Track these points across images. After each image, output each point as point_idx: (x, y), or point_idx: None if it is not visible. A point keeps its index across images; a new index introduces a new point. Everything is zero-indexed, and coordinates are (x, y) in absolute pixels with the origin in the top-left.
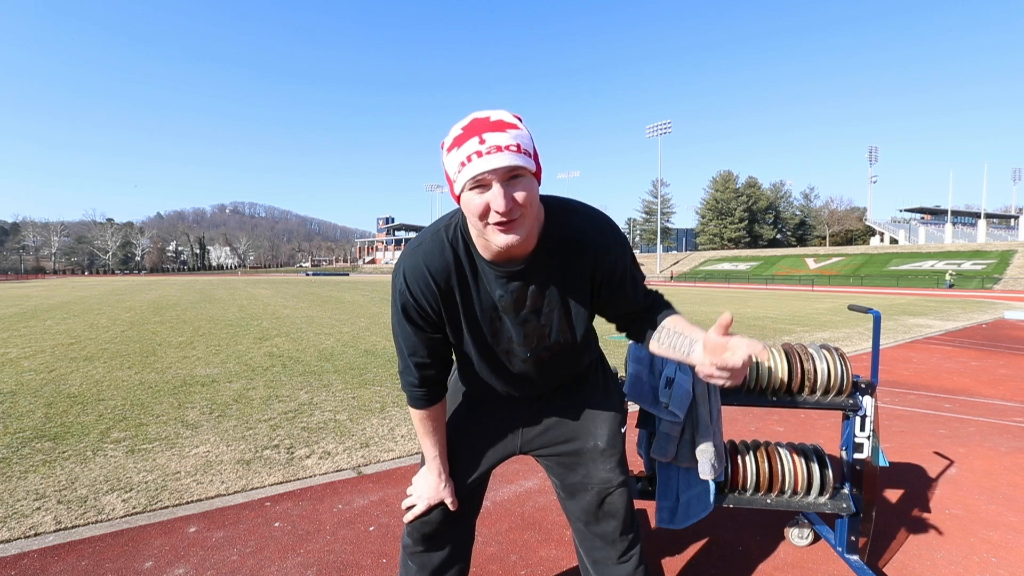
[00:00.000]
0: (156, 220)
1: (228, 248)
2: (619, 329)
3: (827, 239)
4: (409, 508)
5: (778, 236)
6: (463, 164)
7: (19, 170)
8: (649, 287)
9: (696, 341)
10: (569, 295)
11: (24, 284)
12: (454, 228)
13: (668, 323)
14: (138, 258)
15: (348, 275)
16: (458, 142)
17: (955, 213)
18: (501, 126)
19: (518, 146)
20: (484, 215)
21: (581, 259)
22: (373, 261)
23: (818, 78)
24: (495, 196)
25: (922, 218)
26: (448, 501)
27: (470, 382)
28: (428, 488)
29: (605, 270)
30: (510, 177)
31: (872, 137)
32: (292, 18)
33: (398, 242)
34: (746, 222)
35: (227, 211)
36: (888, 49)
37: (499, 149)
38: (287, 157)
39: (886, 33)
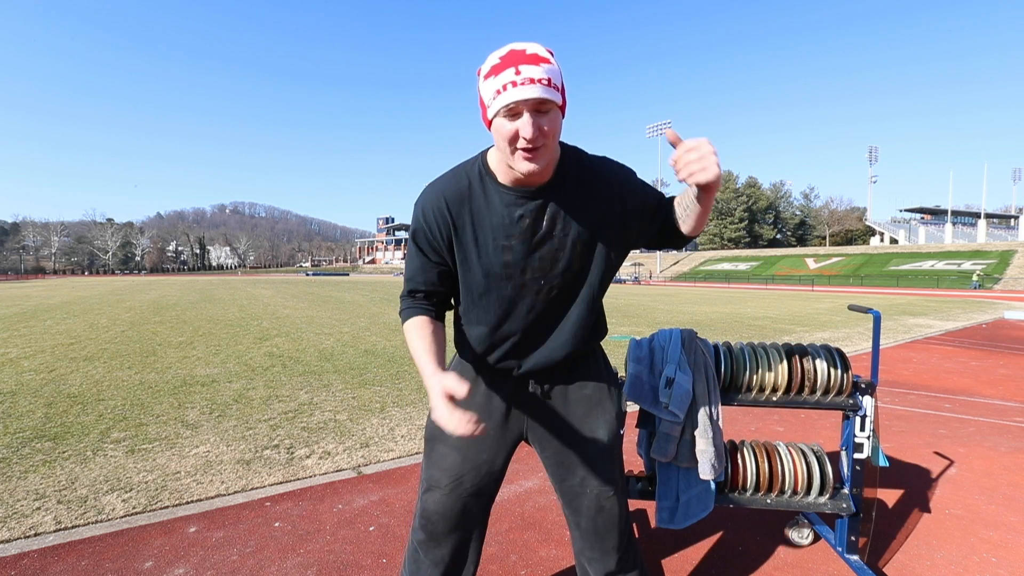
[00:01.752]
0: (156, 220)
1: (228, 248)
2: (662, 241)
3: (827, 239)
4: (439, 417)
5: (778, 236)
6: (498, 92)
7: (19, 170)
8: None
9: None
10: (585, 221)
11: (24, 284)
12: (473, 162)
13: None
14: (138, 258)
15: (348, 275)
16: (495, 71)
17: (955, 213)
18: (536, 59)
19: (549, 80)
20: (513, 141)
21: (601, 190)
22: (373, 261)
23: (818, 78)
24: (524, 124)
25: (922, 218)
26: (456, 389)
27: (475, 337)
28: (435, 392)
29: (636, 200)
30: (539, 108)
31: (872, 137)
32: (292, 18)
33: (398, 242)
34: (746, 222)
35: (227, 211)
36: (888, 49)
37: (532, 81)
38: (287, 157)
39: (886, 33)
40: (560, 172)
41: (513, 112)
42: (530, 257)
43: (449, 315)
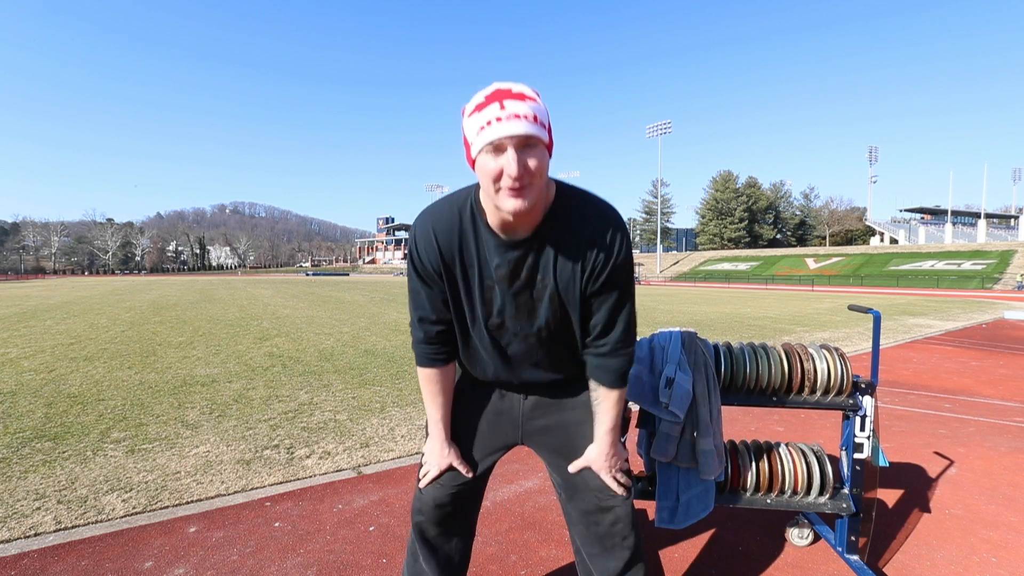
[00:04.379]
0: (156, 220)
1: (228, 248)
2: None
3: (827, 239)
4: (424, 475)
5: (778, 236)
6: (482, 127)
7: (19, 170)
8: (629, 332)
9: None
10: (563, 274)
11: (24, 284)
12: (466, 196)
13: (601, 392)
14: (138, 258)
15: (348, 275)
16: (480, 107)
17: (955, 213)
18: (521, 96)
19: (535, 116)
20: (497, 178)
21: (582, 240)
22: (373, 261)
23: (818, 78)
24: (509, 161)
25: (922, 218)
26: (456, 465)
27: (468, 361)
28: (434, 455)
29: (602, 259)
30: (525, 145)
31: (872, 137)
32: (292, 18)
33: (398, 242)
34: (746, 222)
35: (227, 211)
36: (888, 49)
37: (517, 117)
38: (287, 157)
39: (886, 33)
40: (548, 219)
41: (498, 148)
42: (510, 304)
43: None
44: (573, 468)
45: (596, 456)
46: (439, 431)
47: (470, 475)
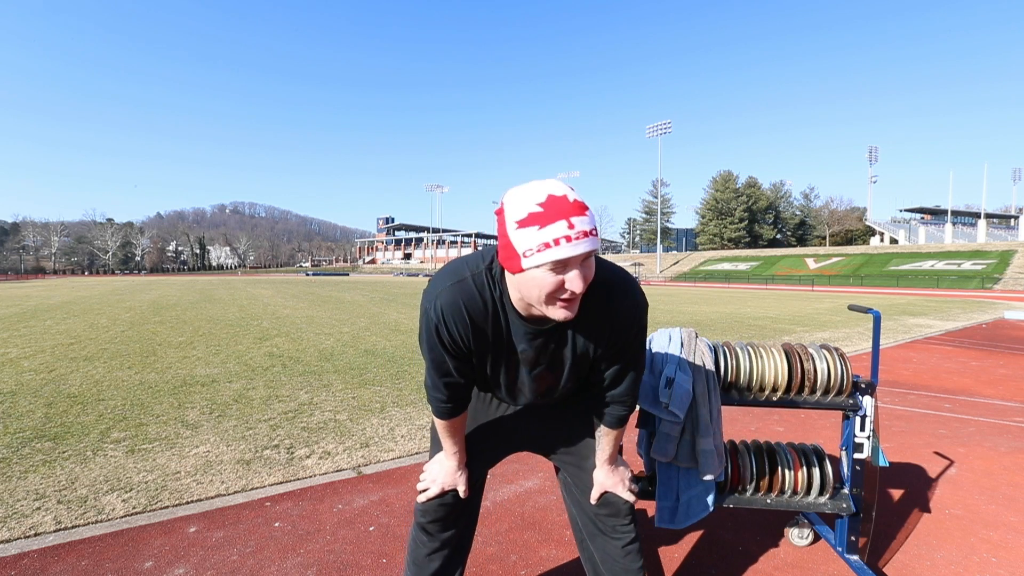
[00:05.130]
0: (156, 220)
1: (228, 248)
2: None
3: (827, 239)
4: (424, 490)
5: (778, 236)
6: (548, 245)
7: (19, 170)
8: (635, 386)
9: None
10: (585, 351)
11: (24, 284)
12: (488, 276)
13: (603, 430)
14: (138, 258)
15: (348, 275)
16: (540, 221)
17: (955, 213)
18: (582, 209)
19: (595, 229)
20: (556, 293)
21: (604, 320)
22: (373, 261)
23: (818, 78)
24: (574, 279)
25: (922, 218)
26: (461, 489)
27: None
28: (444, 474)
29: (622, 335)
30: (587, 258)
31: (872, 137)
32: (292, 18)
33: (398, 242)
34: (746, 222)
35: (227, 211)
36: (888, 49)
37: (586, 235)
38: (287, 157)
39: (886, 33)
40: (581, 309)
41: (564, 265)
42: (530, 380)
43: None
44: (593, 499)
45: (605, 478)
46: (457, 458)
47: (466, 495)
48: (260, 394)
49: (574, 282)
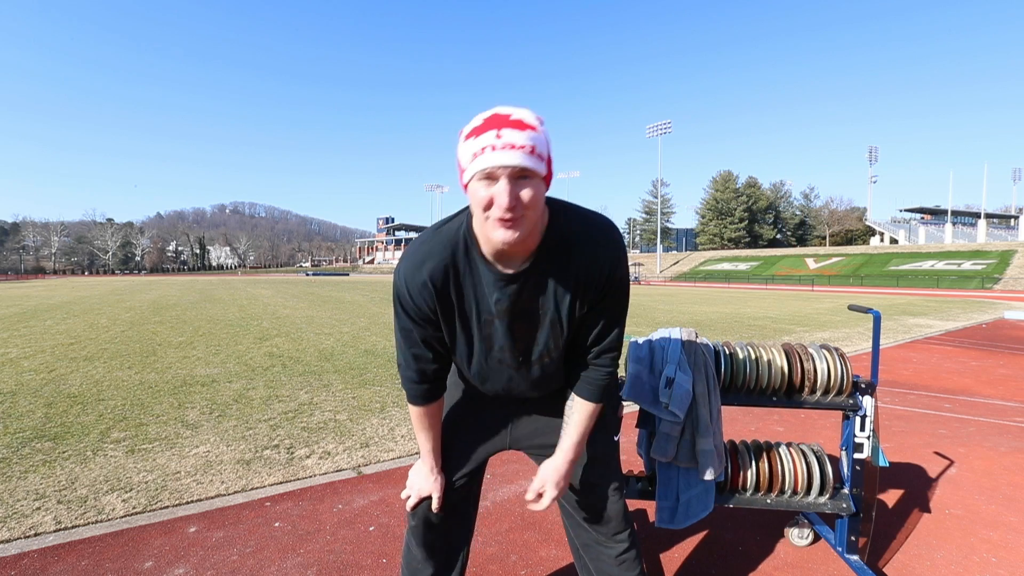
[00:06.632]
0: (156, 220)
1: (228, 248)
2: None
3: (827, 239)
4: (407, 499)
5: (778, 236)
6: (475, 155)
7: (19, 170)
8: (617, 350)
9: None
10: (563, 300)
11: (24, 284)
12: (457, 228)
13: (577, 404)
14: (138, 258)
15: (348, 275)
16: (476, 132)
17: (955, 213)
18: (520, 125)
19: (532, 148)
20: (487, 207)
21: (580, 264)
22: (373, 261)
23: (818, 78)
24: (500, 191)
25: (922, 218)
26: (435, 497)
27: (465, 382)
28: (420, 481)
29: (600, 280)
30: (519, 176)
31: (872, 137)
32: (292, 18)
33: (398, 242)
34: (746, 222)
35: (227, 211)
36: (888, 49)
37: (512, 147)
38: (287, 157)
39: (886, 33)
40: (544, 247)
41: (490, 177)
42: (508, 337)
43: None
44: (528, 496)
45: (551, 472)
46: (430, 460)
47: (439, 508)
48: (260, 394)
49: (500, 195)
